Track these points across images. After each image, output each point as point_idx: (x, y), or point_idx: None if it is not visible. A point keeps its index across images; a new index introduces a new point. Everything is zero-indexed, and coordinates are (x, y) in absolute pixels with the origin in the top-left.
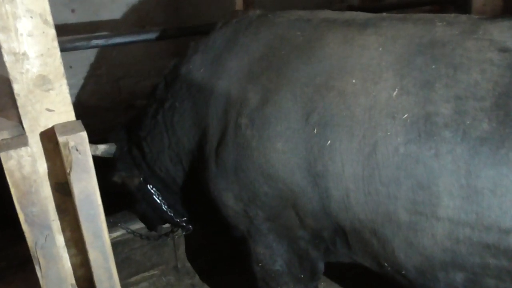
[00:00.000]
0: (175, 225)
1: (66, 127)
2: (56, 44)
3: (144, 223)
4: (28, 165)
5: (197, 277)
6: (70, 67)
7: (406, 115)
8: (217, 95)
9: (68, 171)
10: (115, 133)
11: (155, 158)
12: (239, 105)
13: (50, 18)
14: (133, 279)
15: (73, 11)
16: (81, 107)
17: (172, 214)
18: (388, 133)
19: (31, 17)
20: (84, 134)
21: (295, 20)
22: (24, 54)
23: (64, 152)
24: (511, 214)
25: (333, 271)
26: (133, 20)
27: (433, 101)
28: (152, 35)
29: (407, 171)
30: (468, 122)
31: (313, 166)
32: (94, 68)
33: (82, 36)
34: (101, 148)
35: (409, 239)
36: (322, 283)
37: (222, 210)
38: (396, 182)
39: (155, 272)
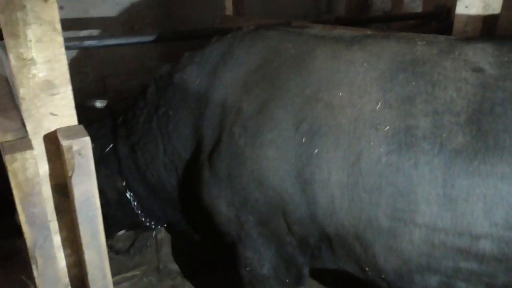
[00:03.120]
0: (145, 227)
1: (70, 131)
2: (63, 50)
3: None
4: (32, 167)
5: (178, 278)
6: None
7: (388, 127)
8: (212, 106)
9: (70, 174)
10: (92, 131)
11: (148, 163)
12: (234, 114)
13: (58, 26)
14: (114, 278)
15: (61, 8)
16: None
17: (143, 219)
18: (371, 143)
19: (41, 24)
20: (87, 139)
21: (287, 34)
22: (31, 59)
23: (67, 155)
24: (481, 221)
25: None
26: (123, 20)
27: (413, 114)
28: (146, 38)
29: (388, 179)
30: (444, 135)
31: (301, 174)
32: (81, 66)
33: (74, 36)
34: None
35: (389, 244)
36: None
37: (215, 217)
38: (378, 189)
39: (137, 272)
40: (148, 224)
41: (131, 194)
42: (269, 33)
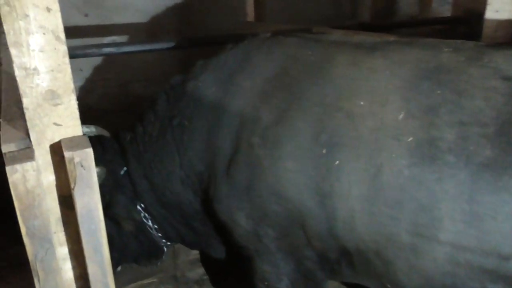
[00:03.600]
0: (152, 257)
1: (73, 142)
2: (67, 60)
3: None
4: (33, 179)
5: (195, 286)
6: (81, 70)
7: (411, 138)
8: (230, 115)
9: (72, 186)
10: (97, 155)
11: (165, 180)
12: (252, 124)
13: (62, 35)
14: (131, 286)
15: (86, 15)
16: (89, 110)
17: (163, 241)
18: (393, 155)
19: (44, 33)
20: (89, 150)
21: (306, 40)
22: (35, 69)
23: (69, 167)
24: (510, 240)
25: None
26: (145, 26)
27: (437, 125)
28: (163, 45)
29: (410, 193)
30: (471, 147)
31: (321, 187)
32: (104, 72)
33: (93, 44)
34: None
35: (411, 261)
36: None
37: (233, 231)
38: (400, 204)
39: (154, 280)
40: (163, 247)
41: (150, 218)
42: (287, 39)
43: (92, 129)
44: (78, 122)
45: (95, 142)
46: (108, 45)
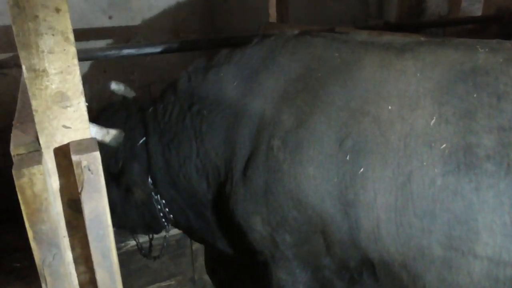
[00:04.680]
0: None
1: (81, 145)
2: (76, 61)
3: (119, 224)
4: (40, 183)
5: None
6: (104, 71)
7: (444, 145)
8: (250, 115)
9: (79, 189)
10: (120, 119)
11: (181, 164)
12: (273, 126)
13: (71, 36)
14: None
15: (110, 17)
16: None
17: (163, 220)
18: (424, 163)
19: (53, 34)
20: (97, 154)
21: (333, 41)
22: (44, 70)
23: (76, 171)
24: None
25: None
26: (168, 27)
27: (474, 131)
28: (183, 46)
29: (443, 204)
30: None
31: (344, 194)
32: (127, 73)
33: (113, 45)
34: (112, 133)
35: (443, 276)
36: None
37: (248, 235)
38: (431, 215)
39: (172, 282)
40: (165, 226)
41: (158, 195)
42: (313, 39)
43: (121, 87)
44: (87, 124)
45: (121, 105)
46: (127, 46)
